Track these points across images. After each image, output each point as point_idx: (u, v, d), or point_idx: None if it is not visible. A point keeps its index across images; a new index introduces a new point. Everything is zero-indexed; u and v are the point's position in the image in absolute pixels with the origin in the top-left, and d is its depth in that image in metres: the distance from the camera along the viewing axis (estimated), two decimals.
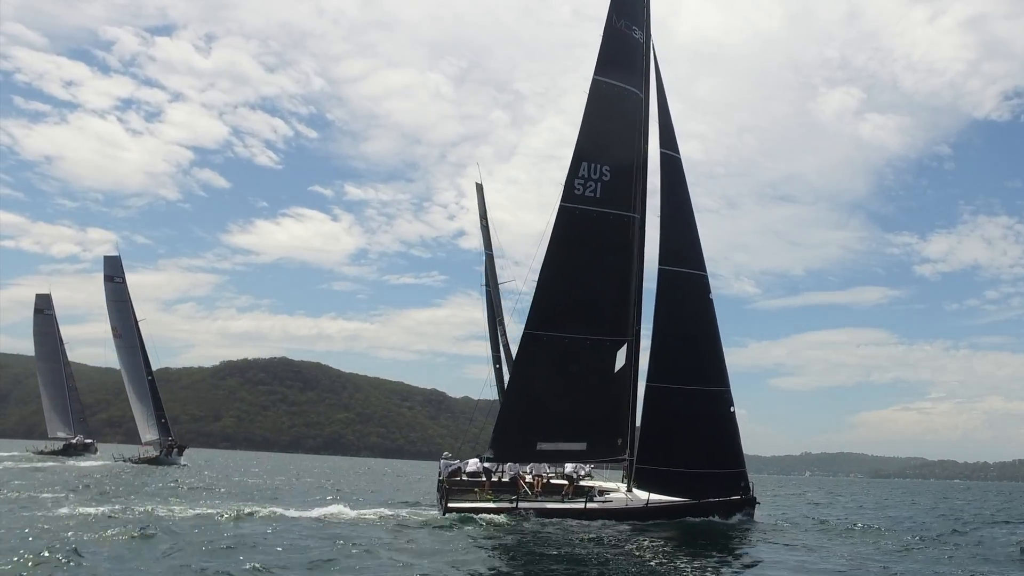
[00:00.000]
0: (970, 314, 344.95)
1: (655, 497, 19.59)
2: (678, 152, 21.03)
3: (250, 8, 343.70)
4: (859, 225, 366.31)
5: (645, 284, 21.06)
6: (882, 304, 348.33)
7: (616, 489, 21.48)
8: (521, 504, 18.94)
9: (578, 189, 20.14)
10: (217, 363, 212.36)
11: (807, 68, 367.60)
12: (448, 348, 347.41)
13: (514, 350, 19.98)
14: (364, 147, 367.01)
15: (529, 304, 20.14)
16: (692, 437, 20.40)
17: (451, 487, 20.48)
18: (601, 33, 20.69)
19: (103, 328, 55.33)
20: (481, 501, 19.86)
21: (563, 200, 20.17)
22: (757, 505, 21.63)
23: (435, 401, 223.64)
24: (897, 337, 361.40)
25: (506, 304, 31.57)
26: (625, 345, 20.72)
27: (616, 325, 20.78)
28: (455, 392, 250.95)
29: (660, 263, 20.46)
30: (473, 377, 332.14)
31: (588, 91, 20.36)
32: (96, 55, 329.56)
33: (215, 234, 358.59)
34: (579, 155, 20.19)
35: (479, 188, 35.59)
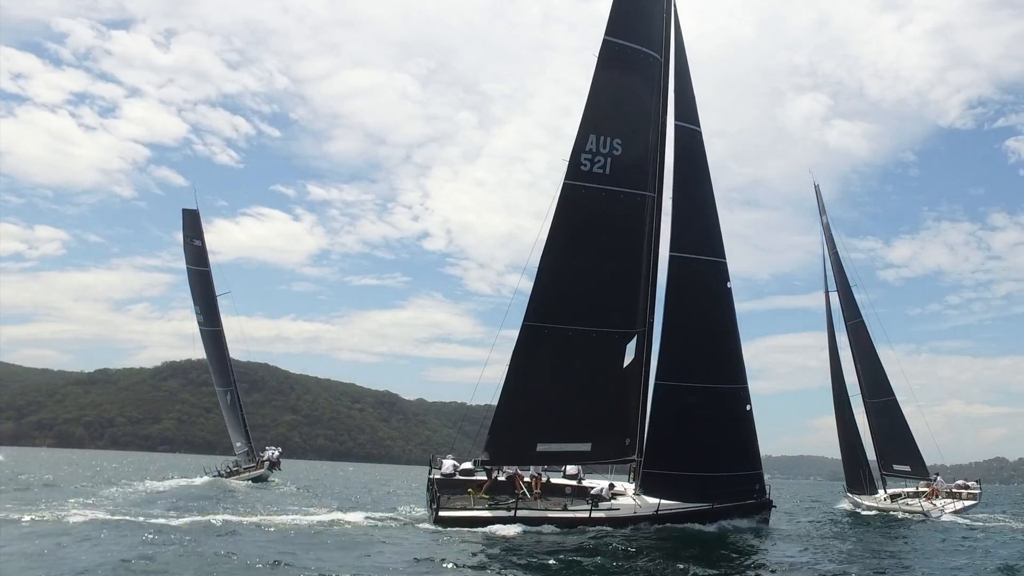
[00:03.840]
0: (932, 319, 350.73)
1: (666, 502, 18.03)
2: (698, 125, 19.11)
3: (213, 4, 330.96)
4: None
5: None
6: None
7: (623, 492, 19.80)
8: (520, 512, 17.10)
9: (584, 165, 18.15)
10: (159, 364, 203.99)
11: (775, 74, 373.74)
12: (410, 350, 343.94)
13: (508, 350, 18.09)
14: (327, 147, 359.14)
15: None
16: (705, 439, 18.81)
17: (442, 491, 18.45)
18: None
19: (49, 328, 52.71)
20: (476, 506, 18.00)
21: (567, 177, 18.20)
22: (774, 508, 20.36)
23: (387, 403, 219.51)
24: None
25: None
26: (635, 338, 19.01)
27: (626, 317, 18.97)
28: (409, 394, 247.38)
29: (671, 249, 18.69)
30: (433, 380, 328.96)
31: (598, 54, 18.35)
32: (48, 47, 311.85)
33: (172, 233, 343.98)
34: (586, 126, 18.21)
35: (192, 214, 41.72)
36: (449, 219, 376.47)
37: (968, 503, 30.60)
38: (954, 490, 32.07)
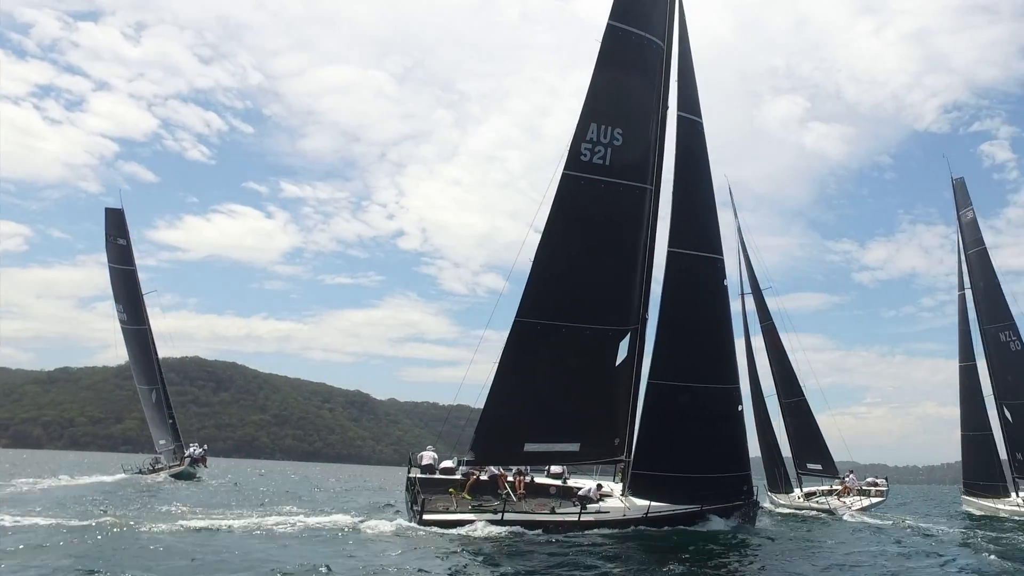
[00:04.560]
0: (906, 321, 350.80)
1: (655, 504, 17.54)
2: (699, 116, 18.56)
3: None
4: (800, 232, 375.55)
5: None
6: (821, 310, 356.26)
7: (610, 492, 19.31)
8: (507, 515, 16.50)
9: (584, 155, 17.44)
10: (122, 363, 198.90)
11: (754, 76, 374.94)
12: (384, 350, 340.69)
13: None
14: (301, 144, 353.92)
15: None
16: (697, 440, 18.29)
17: (426, 492, 17.69)
18: None
19: (9, 326, 51.75)
20: (459, 508, 17.32)
21: (567, 168, 17.50)
22: (759, 509, 20.09)
23: (358, 403, 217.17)
24: (835, 343, 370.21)
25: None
26: (628, 336, 18.48)
27: (620, 313, 18.36)
28: (381, 394, 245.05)
29: (670, 245, 18.03)
30: (407, 380, 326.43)
31: (601, 39, 17.69)
32: (11, 38, 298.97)
33: (140, 230, 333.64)
34: (587, 115, 17.51)
35: (115, 213, 43.56)
36: (424, 218, 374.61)
37: (876, 500, 31.42)
38: (864, 488, 32.91)
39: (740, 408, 19.11)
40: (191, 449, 42.60)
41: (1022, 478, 31.58)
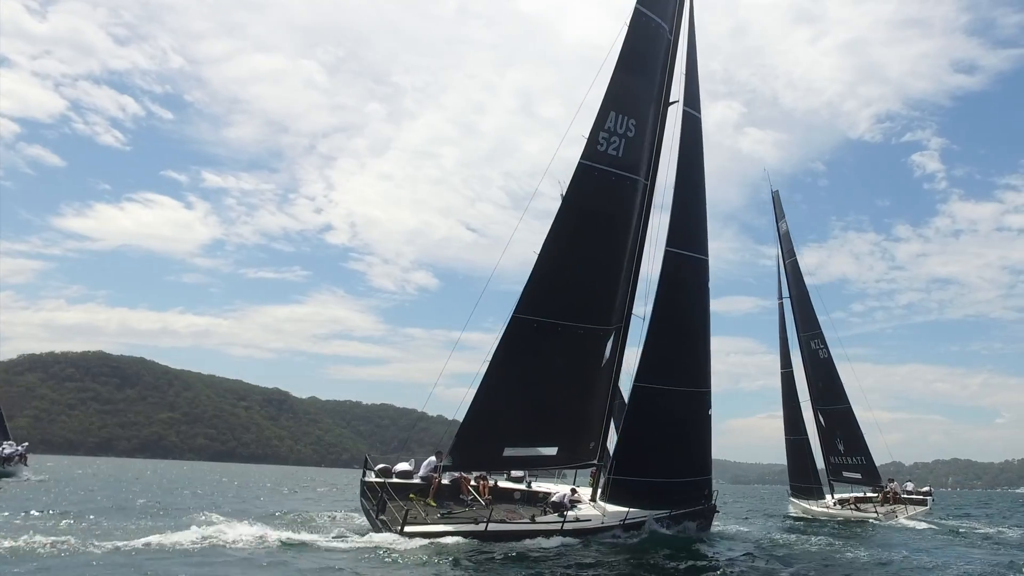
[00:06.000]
0: (836, 326, 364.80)
1: (633, 511, 17.04)
2: (700, 111, 18.02)
3: None
4: (733, 236, 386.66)
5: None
6: (752, 313, 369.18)
7: (579, 499, 18.64)
8: (491, 527, 15.47)
9: (601, 144, 16.63)
10: (14, 356, 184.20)
11: None
12: (307, 347, 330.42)
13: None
14: (225, 132, 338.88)
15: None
16: (674, 444, 17.93)
17: (394, 498, 16.41)
18: None
19: None
20: (430, 517, 16.22)
21: (583, 156, 16.62)
22: (717, 513, 20.02)
23: (276, 401, 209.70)
24: (766, 346, 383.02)
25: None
26: (613, 335, 17.76)
27: (611, 312, 17.71)
28: (302, 392, 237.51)
29: (668, 244, 17.31)
30: (332, 378, 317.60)
31: (628, 22, 16.89)
32: None
33: (44, 217, 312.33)
34: (609, 102, 16.67)
35: None
36: (354, 212, 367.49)
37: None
38: None
39: (710, 412, 18.81)
40: (2, 447, 39.80)
41: (836, 480, 33.27)
